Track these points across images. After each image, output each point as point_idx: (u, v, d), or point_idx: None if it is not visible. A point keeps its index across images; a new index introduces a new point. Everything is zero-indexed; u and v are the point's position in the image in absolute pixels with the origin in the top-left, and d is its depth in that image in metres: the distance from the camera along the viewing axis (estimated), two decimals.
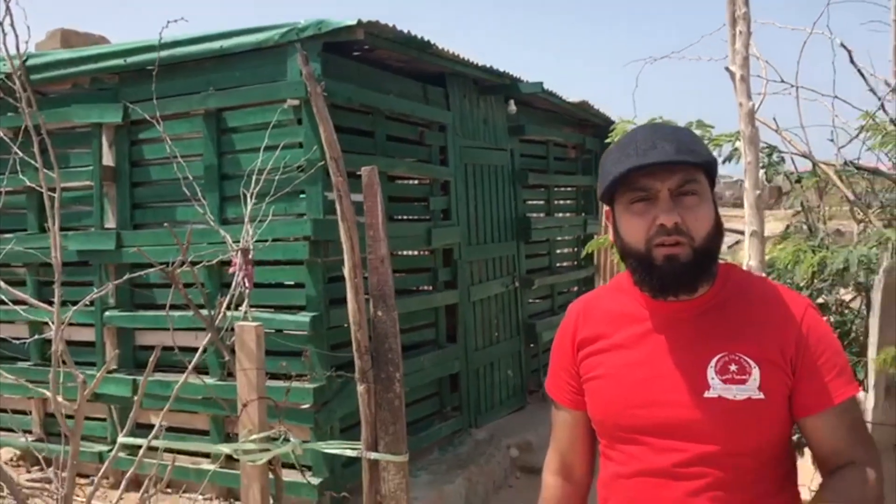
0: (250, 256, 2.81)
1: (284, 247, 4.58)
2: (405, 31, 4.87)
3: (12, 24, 2.44)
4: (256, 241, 4.14)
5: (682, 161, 1.33)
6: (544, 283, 7.39)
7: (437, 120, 5.82)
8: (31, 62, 5.29)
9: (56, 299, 2.62)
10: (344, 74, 4.87)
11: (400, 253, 5.68)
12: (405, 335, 5.54)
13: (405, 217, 5.85)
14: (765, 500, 1.38)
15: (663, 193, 1.35)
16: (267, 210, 4.65)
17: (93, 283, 5.06)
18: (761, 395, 1.33)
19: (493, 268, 6.58)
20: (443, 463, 5.31)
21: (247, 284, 2.78)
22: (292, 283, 4.79)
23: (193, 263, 2.79)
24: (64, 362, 2.82)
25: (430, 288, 5.83)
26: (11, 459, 5.63)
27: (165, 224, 3.76)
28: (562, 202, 8.19)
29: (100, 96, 5.14)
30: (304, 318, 4.50)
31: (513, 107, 6.55)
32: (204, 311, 2.78)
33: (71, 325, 5.40)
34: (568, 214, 8.24)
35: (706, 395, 1.35)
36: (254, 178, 3.21)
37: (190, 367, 2.77)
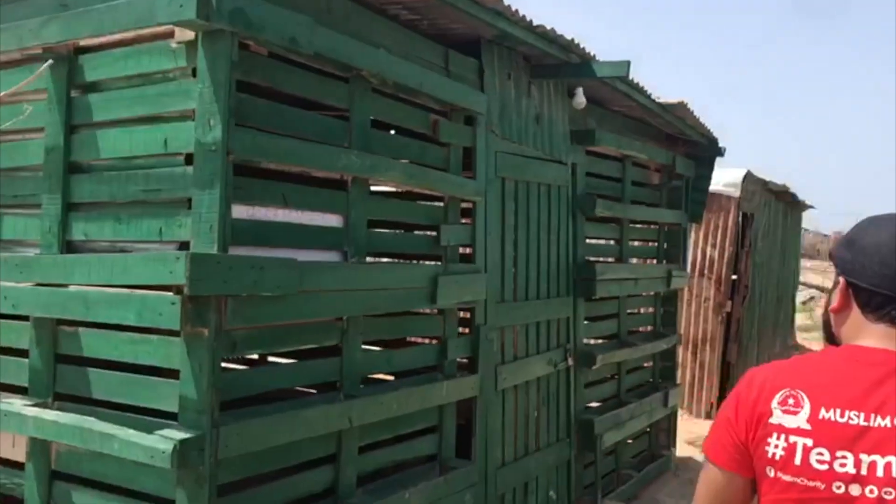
0: None
1: (142, 300, 2.46)
2: None
3: None
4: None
5: None
6: (610, 361, 5.14)
7: (463, 105, 3.68)
8: None
9: None
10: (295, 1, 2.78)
11: (378, 315, 3.44)
12: (384, 450, 3.39)
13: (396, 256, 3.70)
14: None
15: None
16: (128, 232, 2.62)
17: None
18: None
19: (535, 337, 4.41)
20: None
21: None
22: (156, 367, 2.65)
23: None
24: None
25: (435, 368, 3.65)
26: None
27: None
28: (639, 244, 5.95)
29: None
30: (167, 440, 2.34)
31: (581, 97, 4.39)
32: None
33: None
34: (647, 261, 6.01)
35: None
36: None
37: None
